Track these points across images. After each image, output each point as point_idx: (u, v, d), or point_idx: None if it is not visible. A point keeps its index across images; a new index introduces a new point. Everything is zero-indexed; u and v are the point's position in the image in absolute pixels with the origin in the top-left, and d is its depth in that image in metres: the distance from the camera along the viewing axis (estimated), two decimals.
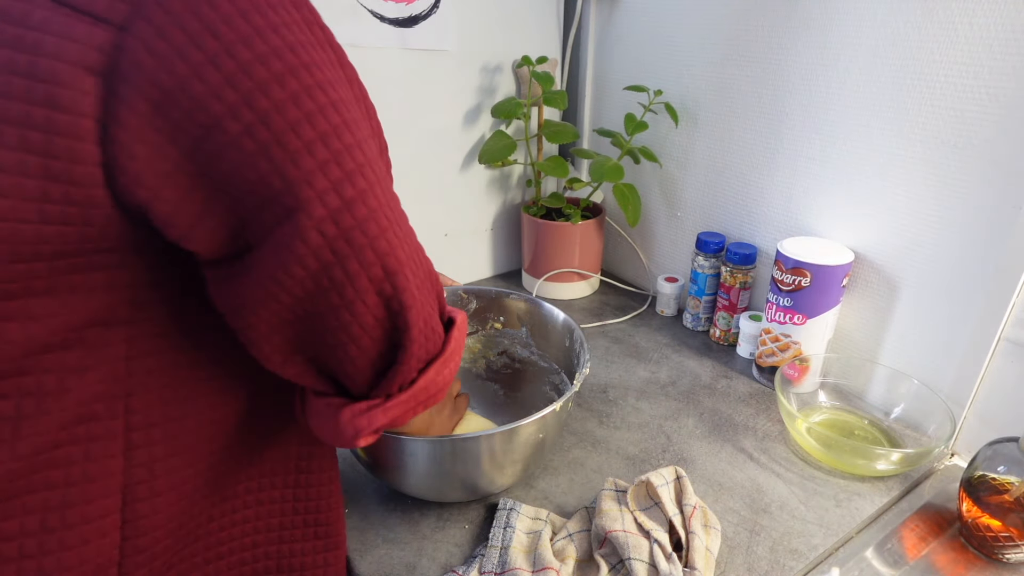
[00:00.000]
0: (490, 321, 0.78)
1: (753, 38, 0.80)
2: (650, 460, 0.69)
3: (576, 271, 1.04)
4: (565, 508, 0.62)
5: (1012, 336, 0.64)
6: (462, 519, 0.61)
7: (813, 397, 0.77)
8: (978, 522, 0.57)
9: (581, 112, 1.11)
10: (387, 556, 0.57)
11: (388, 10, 0.83)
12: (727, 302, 0.89)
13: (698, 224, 0.97)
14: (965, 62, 0.62)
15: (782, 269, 0.75)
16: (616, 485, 0.59)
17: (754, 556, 0.56)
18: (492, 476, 0.58)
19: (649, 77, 0.96)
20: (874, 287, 0.75)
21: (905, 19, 0.65)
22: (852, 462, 0.65)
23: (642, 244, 1.08)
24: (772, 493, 0.64)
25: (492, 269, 1.15)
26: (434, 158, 0.98)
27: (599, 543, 0.55)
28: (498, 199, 1.09)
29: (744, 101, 0.84)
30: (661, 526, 0.55)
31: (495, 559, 0.54)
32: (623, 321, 0.99)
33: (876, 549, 0.59)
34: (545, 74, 0.93)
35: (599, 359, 0.88)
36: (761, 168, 0.85)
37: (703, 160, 0.93)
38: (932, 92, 0.65)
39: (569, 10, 1.04)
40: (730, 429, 0.73)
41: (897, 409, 0.73)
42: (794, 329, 0.76)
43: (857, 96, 0.71)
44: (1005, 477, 0.56)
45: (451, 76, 0.94)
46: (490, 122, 1.01)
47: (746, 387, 0.82)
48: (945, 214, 0.67)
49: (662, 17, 0.92)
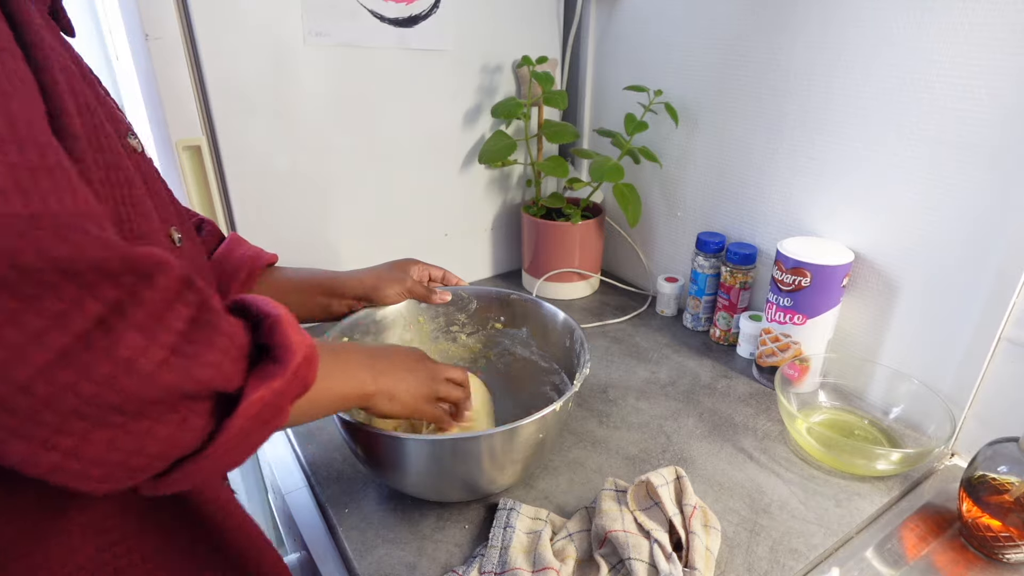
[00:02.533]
0: (490, 321, 0.79)
1: (753, 38, 0.80)
2: (650, 460, 0.69)
3: (576, 271, 1.04)
4: (565, 508, 0.62)
5: (1012, 336, 0.64)
6: (462, 519, 0.61)
7: (813, 397, 0.77)
8: (978, 522, 0.57)
9: (581, 112, 1.11)
10: (387, 556, 0.57)
11: (388, 10, 0.83)
12: (727, 302, 0.89)
13: (698, 224, 0.97)
14: (965, 62, 0.62)
15: (782, 269, 0.75)
16: (616, 485, 0.59)
17: (754, 556, 0.56)
18: (492, 476, 0.58)
19: (649, 77, 0.96)
20: (874, 287, 0.75)
21: (905, 19, 0.65)
22: (852, 462, 0.65)
23: (642, 244, 1.08)
24: (772, 493, 0.64)
25: (492, 269, 1.15)
26: (434, 158, 0.98)
27: (599, 543, 0.55)
28: (498, 199, 1.09)
29: (744, 101, 0.84)
30: (661, 526, 0.55)
31: (495, 559, 0.54)
32: (623, 321, 0.99)
33: (876, 549, 0.59)
34: (545, 74, 0.93)
35: (599, 359, 0.88)
36: (761, 168, 0.85)
37: (703, 160, 0.93)
38: (932, 92, 0.65)
39: (569, 10, 1.04)
40: (730, 429, 0.73)
41: (897, 409, 0.73)
42: (794, 329, 0.76)
43: (857, 96, 0.71)
44: (1005, 477, 0.56)
45: (451, 76, 0.94)
46: (490, 122, 1.01)
47: (746, 387, 0.82)
48: (945, 214, 0.67)
49: (662, 17, 0.92)
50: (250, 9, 0.74)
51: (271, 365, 0.34)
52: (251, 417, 0.33)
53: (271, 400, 0.34)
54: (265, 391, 0.33)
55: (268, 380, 0.33)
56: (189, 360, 0.29)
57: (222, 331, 0.32)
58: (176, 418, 0.29)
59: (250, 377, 0.33)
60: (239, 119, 0.78)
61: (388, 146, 0.92)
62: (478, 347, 0.80)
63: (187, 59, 0.73)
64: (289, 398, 0.36)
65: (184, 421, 0.30)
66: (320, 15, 0.78)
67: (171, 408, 0.29)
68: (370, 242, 0.96)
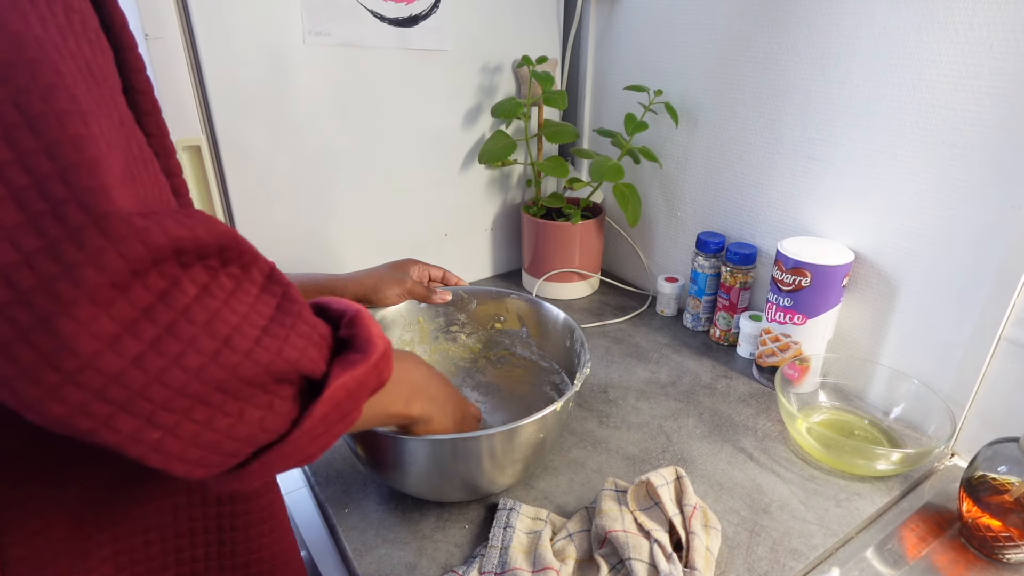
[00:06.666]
0: (490, 321, 0.78)
1: (753, 38, 0.80)
2: (650, 460, 0.68)
3: (576, 271, 1.04)
4: (565, 508, 0.62)
5: (1012, 336, 0.64)
6: (462, 519, 0.61)
7: (813, 397, 0.77)
8: (978, 522, 0.57)
9: (581, 112, 1.11)
10: (387, 556, 0.57)
11: (388, 10, 0.83)
12: (727, 302, 0.89)
13: (698, 224, 0.97)
14: (965, 62, 0.62)
15: (782, 269, 0.75)
16: (616, 485, 0.59)
17: (754, 556, 0.56)
18: (492, 476, 0.58)
19: (649, 77, 0.96)
20: (874, 287, 0.75)
21: (905, 19, 0.65)
22: (852, 462, 0.65)
23: (642, 244, 1.08)
24: (772, 493, 0.64)
25: (492, 269, 1.15)
26: (434, 158, 0.98)
27: (599, 543, 0.55)
28: (498, 199, 1.09)
29: (744, 101, 0.84)
30: (661, 526, 0.55)
31: (495, 559, 0.54)
32: (623, 321, 0.99)
33: (876, 549, 0.59)
34: (545, 74, 0.93)
35: (599, 359, 0.88)
36: (761, 168, 0.85)
37: (703, 160, 0.93)
38: (932, 92, 0.65)
39: (569, 10, 1.04)
40: (730, 429, 0.73)
41: (897, 409, 0.73)
42: (794, 329, 0.76)
43: (857, 96, 0.71)
44: (1005, 477, 0.56)
45: (451, 76, 0.94)
46: (490, 122, 1.01)
47: (746, 387, 0.82)
48: (945, 214, 0.67)
49: (662, 17, 0.92)
50: (250, 9, 0.74)
51: (353, 355, 0.36)
52: (334, 404, 0.34)
53: (353, 388, 0.35)
54: (349, 378, 0.34)
55: (351, 368, 0.35)
56: (280, 341, 0.31)
57: (305, 319, 0.33)
58: (265, 400, 0.31)
59: (334, 365, 0.34)
60: (239, 119, 0.77)
61: (388, 146, 0.92)
62: (478, 347, 0.80)
63: (187, 59, 0.73)
64: (368, 390, 0.37)
65: (272, 405, 0.31)
66: (320, 15, 0.78)
67: (263, 389, 0.30)
68: (370, 242, 0.96)
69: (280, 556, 0.46)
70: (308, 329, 0.33)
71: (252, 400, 0.30)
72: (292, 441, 0.33)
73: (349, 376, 0.34)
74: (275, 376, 0.31)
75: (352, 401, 0.35)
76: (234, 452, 0.31)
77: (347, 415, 0.36)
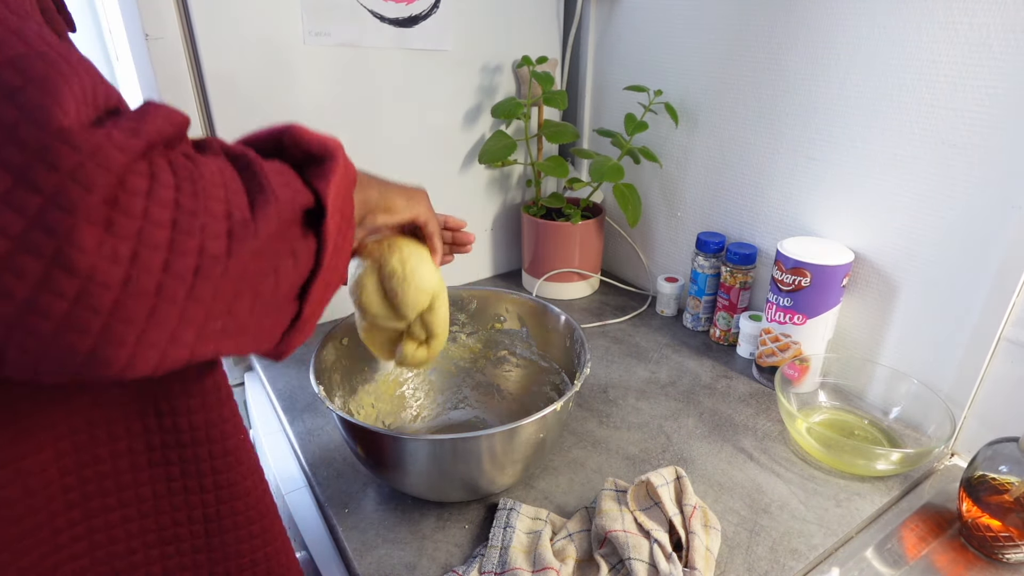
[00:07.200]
0: (490, 321, 0.78)
1: (753, 38, 0.80)
2: (650, 460, 0.69)
3: (576, 271, 1.04)
4: (565, 508, 0.62)
5: (1012, 336, 0.64)
6: (462, 519, 0.61)
7: (813, 397, 0.77)
8: (978, 522, 0.57)
9: (581, 112, 1.11)
10: (387, 556, 0.57)
11: (388, 10, 0.83)
12: (727, 302, 0.89)
13: (698, 224, 0.97)
14: (965, 62, 0.62)
15: (782, 269, 0.75)
16: (616, 485, 0.59)
17: (754, 556, 0.56)
18: (492, 476, 0.58)
19: (649, 77, 0.96)
20: (874, 287, 0.75)
21: (905, 19, 0.65)
22: (852, 462, 0.65)
23: (642, 244, 1.08)
24: (772, 493, 0.64)
25: (492, 269, 1.15)
26: (434, 158, 0.98)
27: (599, 543, 0.55)
28: (498, 199, 1.09)
29: (744, 101, 0.84)
30: (661, 526, 0.55)
31: (495, 559, 0.54)
32: (623, 321, 0.99)
33: (876, 549, 0.59)
34: (545, 74, 0.93)
35: (599, 359, 0.88)
36: (761, 168, 0.85)
37: (703, 160, 0.93)
38: (932, 92, 0.65)
39: (569, 10, 1.04)
40: (730, 429, 0.73)
41: (897, 409, 0.73)
42: (794, 329, 0.76)
43: (857, 96, 0.71)
44: (1005, 477, 0.56)
45: (451, 76, 0.94)
46: (490, 122, 1.01)
47: (746, 387, 0.82)
48: (945, 214, 0.67)
49: (662, 17, 0.92)
50: (250, 9, 0.74)
51: (320, 166, 0.36)
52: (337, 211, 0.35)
53: (342, 189, 0.36)
54: (335, 182, 0.35)
55: (329, 175, 0.35)
56: (266, 192, 0.30)
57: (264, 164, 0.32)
58: (287, 248, 0.32)
59: (313, 182, 0.35)
60: (239, 119, 0.78)
61: (388, 146, 0.92)
62: (478, 347, 0.80)
63: (187, 59, 0.73)
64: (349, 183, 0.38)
65: (294, 250, 0.33)
66: (320, 15, 0.78)
67: (281, 238, 0.31)
68: None
69: (274, 558, 0.45)
70: (274, 170, 0.32)
71: (278, 256, 0.31)
72: (326, 267, 0.35)
73: (333, 182, 0.35)
74: (285, 222, 0.31)
75: (346, 201, 0.37)
76: (285, 307, 0.33)
77: (348, 217, 0.37)
